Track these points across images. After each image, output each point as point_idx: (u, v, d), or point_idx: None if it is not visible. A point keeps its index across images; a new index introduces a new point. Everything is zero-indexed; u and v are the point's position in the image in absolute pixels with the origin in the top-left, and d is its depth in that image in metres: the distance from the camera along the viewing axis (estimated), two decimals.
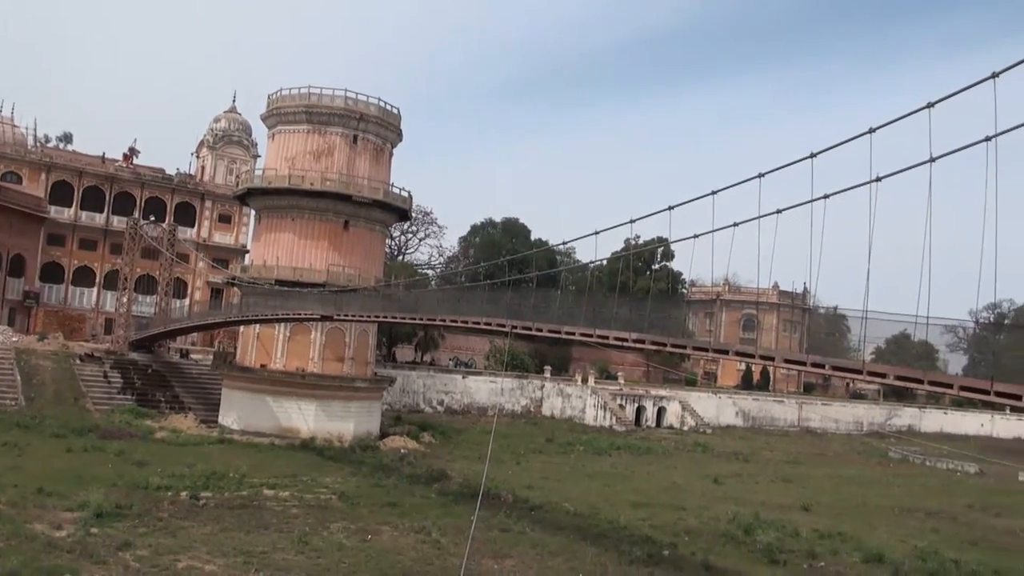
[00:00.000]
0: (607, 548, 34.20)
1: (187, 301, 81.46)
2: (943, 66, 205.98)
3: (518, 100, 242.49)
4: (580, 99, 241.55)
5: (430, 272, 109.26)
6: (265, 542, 30.58)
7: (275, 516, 34.93)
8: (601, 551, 33.59)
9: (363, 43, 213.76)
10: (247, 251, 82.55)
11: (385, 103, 60.65)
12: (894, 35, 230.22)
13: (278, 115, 60.03)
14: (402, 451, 56.11)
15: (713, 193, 28.57)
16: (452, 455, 56.52)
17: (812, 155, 25.48)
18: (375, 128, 60.15)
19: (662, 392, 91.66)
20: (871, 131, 23.79)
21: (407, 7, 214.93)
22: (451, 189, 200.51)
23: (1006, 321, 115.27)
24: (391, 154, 62.57)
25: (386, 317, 48.12)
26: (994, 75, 20.63)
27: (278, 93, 60.19)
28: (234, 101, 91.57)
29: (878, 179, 23.49)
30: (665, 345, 31.14)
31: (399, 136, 62.66)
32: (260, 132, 64.65)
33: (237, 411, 57.21)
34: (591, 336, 32.86)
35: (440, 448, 59.57)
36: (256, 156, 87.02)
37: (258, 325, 57.52)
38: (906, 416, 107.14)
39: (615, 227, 34.10)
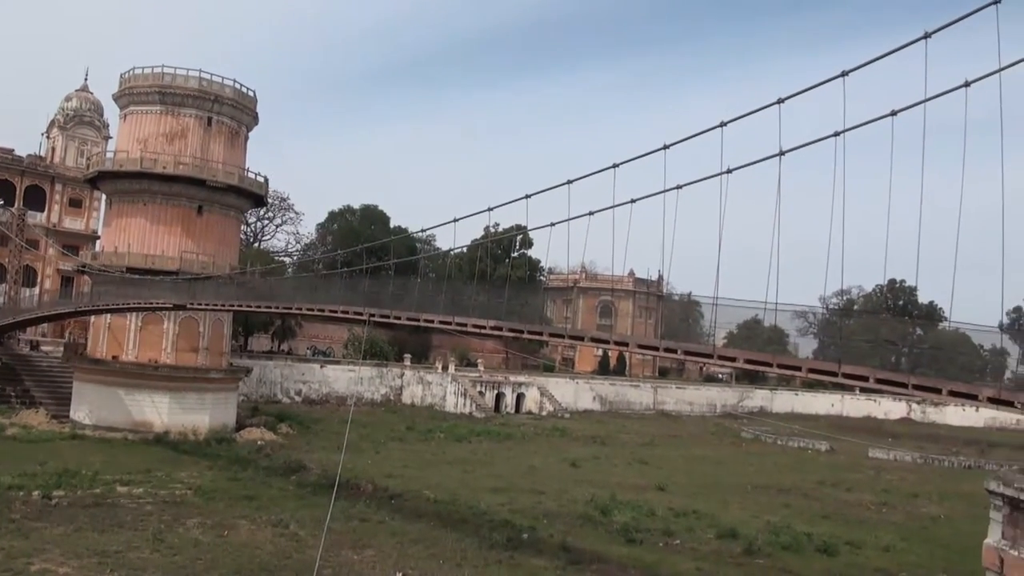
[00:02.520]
0: (467, 534, 34.32)
1: (37, 290, 78.30)
2: (795, 63, 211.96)
3: (378, 85, 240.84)
4: (441, 85, 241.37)
5: (287, 259, 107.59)
6: (120, 541, 29.78)
7: (129, 514, 34.02)
8: (461, 537, 33.69)
9: (219, 24, 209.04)
10: (98, 237, 79.79)
11: (241, 85, 59.44)
12: (746, 32, 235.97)
13: (130, 95, 58.07)
14: (259, 443, 55.17)
15: (569, 182, 28.99)
16: (310, 446, 55.84)
17: (665, 147, 26.10)
18: (230, 111, 58.83)
19: (521, 378, 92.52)
20: (722, 124, 24.43)
21: None
22: (309, 175, 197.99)
23: (855, 307, 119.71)
24: (247, 138, 61.35)
25: (241, 306, 47.30)
26: (844, 73, 21.40)
27: (131, 72, 58.22)
28: (86, 79, 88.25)
29: (729, 171, 24.17)
30: (523, 332, 31.44)
31: (255, 119, 61.51)
32: (113, 112, 62.77)
33: (89, 405, 55.38)
34: (450, 324, 32.98)
35: (298, 439, 58.81)
36: (108, 137, 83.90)
37: (109, 315, 55.77)
38: (758, 398, 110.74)
39: (474, 215, 34.28)
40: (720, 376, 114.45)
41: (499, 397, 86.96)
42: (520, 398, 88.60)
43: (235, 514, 35.23)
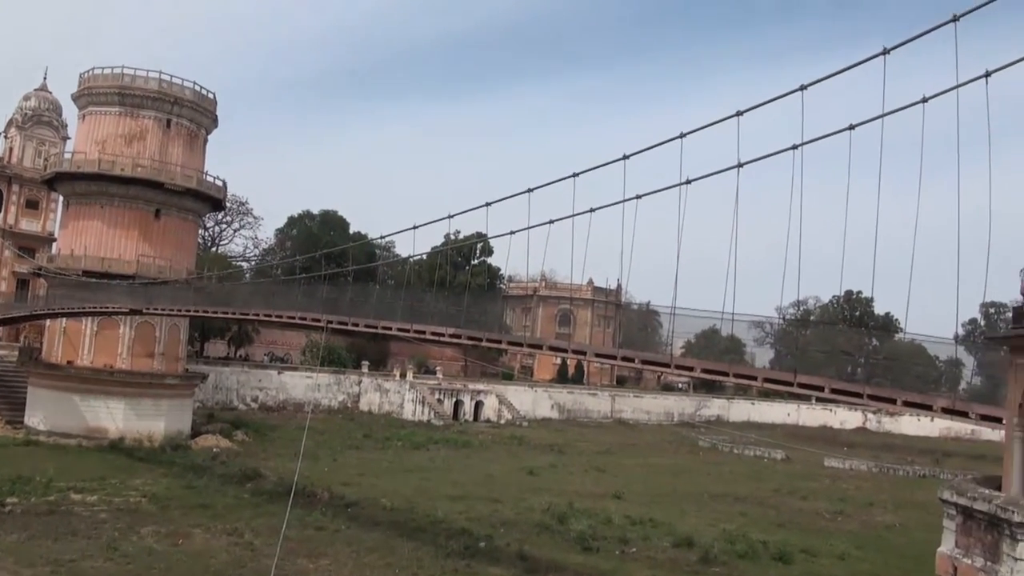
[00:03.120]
0: (424, 542, 34.23)
1: None
2: (755, 76, 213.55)
3: (339, 90, 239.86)
4: (403, 91, 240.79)
5: (245, 264, 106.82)
6: (74, 549, 29.48)
7: (83, 522, 33.72)
8: (418, 546, 33.61)
9: (180, 26, 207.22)
10: (55, 240, 78.75)
11: (200, 87, 59.03)
12: (707, 45, 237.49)
13: (89, 95, 57.46)
14: (215, 450, 54.74)
15: (529, 191, 29.02)
16: (266, 453, 55.46)
17: (625, 157, 26.20)
18: (190, 113, 58.37)
19: (480, 386, 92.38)
20: (682, 136, 24.59)
21: None
22: (268, 180, 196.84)
23: (811, 318, 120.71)
24: (206, 140, 60.89)
25: (198, 311, 46.91)
26: (803, 87, 21.58)
27: (90, 72, 57.66)
28: (45, 78, 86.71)
29: (688, 182, 24.30)
30: (481, 340, 31.51)
31: (214, 122, 61.07)
32: (72, 112, 62.08)
33: (43, 411, 54.63)
34: (408, 331, 32.88)
35: (254, 446, 58.36)
36: (66, 138, 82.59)
37: (65, 319, 55.09)
38: (715, 407, 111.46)
39: (434, 222, 34.21)
40: (680, 385, 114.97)
41: (457, 405, 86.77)
42: (478, 406, 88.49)
43: (190, 522, 34.94)
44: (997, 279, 18.54)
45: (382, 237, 63.41)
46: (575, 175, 27.68)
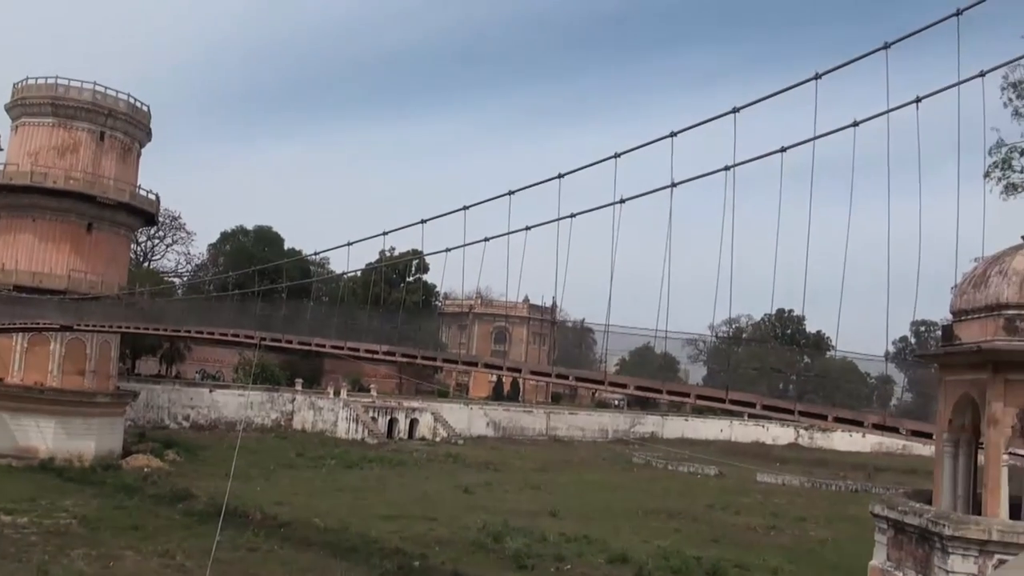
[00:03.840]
0: (357, 562, 34.09)
1: None
2: (690, 99, 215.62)
3: (274, 104, 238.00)
4: (338, 106, 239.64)
5: (177, 280, 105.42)
6: (3, 573, 29.02)
7: (13, 544, 33.12)
8: (351, 565, 33.46)
9: (113, 39, 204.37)
10: None
11: (135, 99, 58.44)
12: (642, 66, 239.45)
13: (23, 106, 56.64)
14: (146, 470, 53.86)
15: (465, 208, 29.11)
16: (198, 473, 54.70)
17: (560, 175, 26.38)
18: (123, 125, 57.76)
19: (415, 404, 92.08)
20: (616, 156, 24.81)
21: (161, 4, 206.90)
22: (202, 194, 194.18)
23: (743, 335, 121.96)
24: (139, 154, 60.22)
25: (130, 328, 46.35)
26: (735, 110, 21.87)
27: (23, 82, 56.85)
28: None
29: (622, 201, 24.51)
30: (416, 357, 31.42)
31: (148, 135, 60.43)
32: (4, 123, 61.03)
33: None
34: (342, 348, 32.78)
35: (186, 466, 57.57)
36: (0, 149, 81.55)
37: None
38: (649, 423, 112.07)
39: (369, 238, 34.17)
40: (617, 403, 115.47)
41: (392, 423, 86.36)
42: (413, 424, 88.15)
43: (121, 544, 34.43)
44: (928, 298, 18.93)
45: (316, 253, 62.97)
46: (511, 193, 27.80)
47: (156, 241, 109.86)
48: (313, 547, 36.17)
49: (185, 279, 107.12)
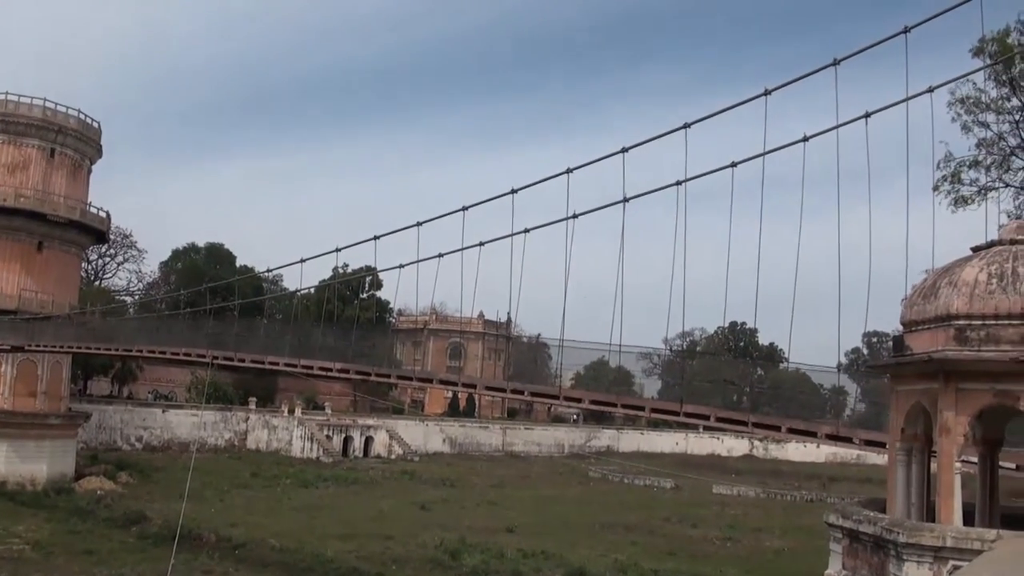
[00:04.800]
0: None
1: None
2: (643, 115, 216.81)
3: (224, 121, 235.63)
4: (290, 123, 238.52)
5: (129, 299, 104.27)
6: None
7: None
8: None
9: (61, 52, 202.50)
10: None
11: (85, 116, 57.82)
12: (595, 82, 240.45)
13: None
14: (99, 493, 53.13)
15: (419, 224, 29.17)
16: (152, 495, 54.09)
17: (513, 191, 26.46)
18: (74, 142, 57.07)
19: (370, 421, 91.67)
20: (569, 171, 24.96)
21: (111, 19, 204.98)
22: (153, 212, 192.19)
23: (697, 348, 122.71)
24: (90, 171, 59.58)
25: (81, 347, 45.82)
26: (686, 125, 22.09)
27: None
28: None
29: (575, 216, 24.65)
30: (370, 374, 31.43)
31: (99, 152, 59.79)
32: None
33: None
34: (296, 366, 32.73)
35: (139, 488, 56.88)
36: None
37: None
38: (605, 437, 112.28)
39: (322, 255, 34.09)
40: (574, 418, 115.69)
41: (347, 441, 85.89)
42: (369, 441, 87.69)
43: (74, 570, 34.12)
44: (879, 309, 19.18)
45: (269, 271, 61.92)
46: (464, 209, 27.86)
47: (107, 259, 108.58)
48: (269, 568, 35.95)
49: (137, 297, 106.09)
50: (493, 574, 37.22)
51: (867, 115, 19.59)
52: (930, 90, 19.20)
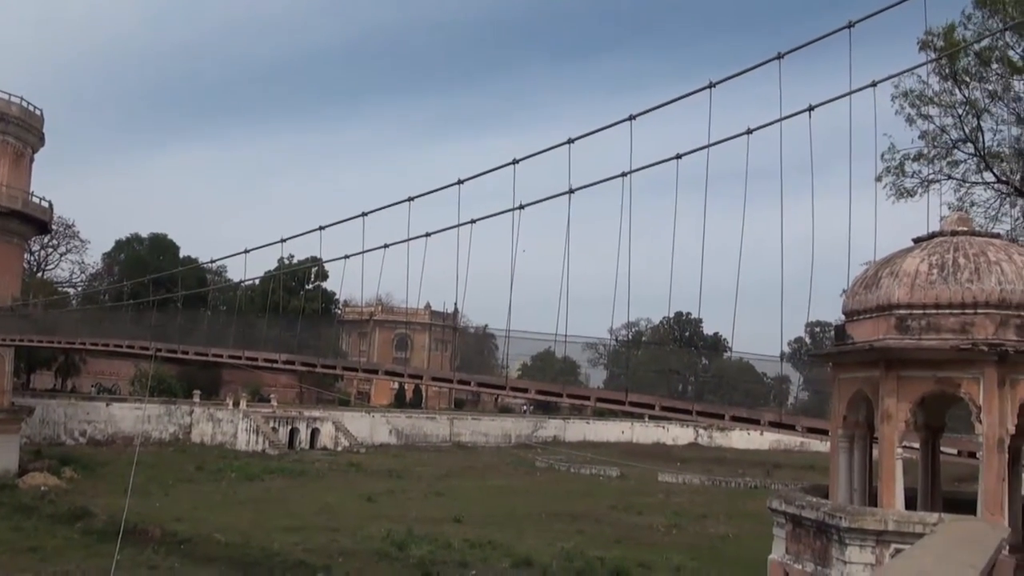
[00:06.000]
0: None
1: None
2: (589, 106, 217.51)
3: (167, 110, 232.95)
4: (234, 113, 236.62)
5: (71, 291, 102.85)
6: None
7: None
8: None
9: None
10: None
11: (27, 103, 56.94)
12: (541, 76, 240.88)
13: None
14: (43, 488, 52.36)
15: (364, 215, 29.18)
16: (96, 490, 53.38)
17: (460, 182, 26.56)
18: (16, 130, 56.20)
19: (316, 413, 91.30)
20: (515, 162, 25.10)
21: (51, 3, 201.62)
22: (96, 201, 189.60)
23: (642, 338, 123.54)
24: (32, 159, 58.75)
25: (23, 340, 45.26)
26: (631, 117, 22.27)
27: None
28: None
29: (522, 207, 24.80)
30: (316, 365, 31.47)
31: (41, 140, 59.02)
32: None
33: None
34: (240, 358, 32.62)
35: (83, 483, 56.11)
36: None
37: None
38: (551, 427, 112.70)
39: (267, 246, 34.06)
40: (524, 408, 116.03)
41: (293, 433, 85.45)
42: (315, 433, 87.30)
43: (18, 567, 33.67)
44: (822, 300, 19.54)
45: (213, 261, 61.76)
46: (410, 199, 27.92)
47: (50, 250, 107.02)
48: (215, 563, 35.74)
49: (80, 289, 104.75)
50: (440, 565, 37.23)
51: (811, 108, 19.92)
52: (873, 84, 19.57)
